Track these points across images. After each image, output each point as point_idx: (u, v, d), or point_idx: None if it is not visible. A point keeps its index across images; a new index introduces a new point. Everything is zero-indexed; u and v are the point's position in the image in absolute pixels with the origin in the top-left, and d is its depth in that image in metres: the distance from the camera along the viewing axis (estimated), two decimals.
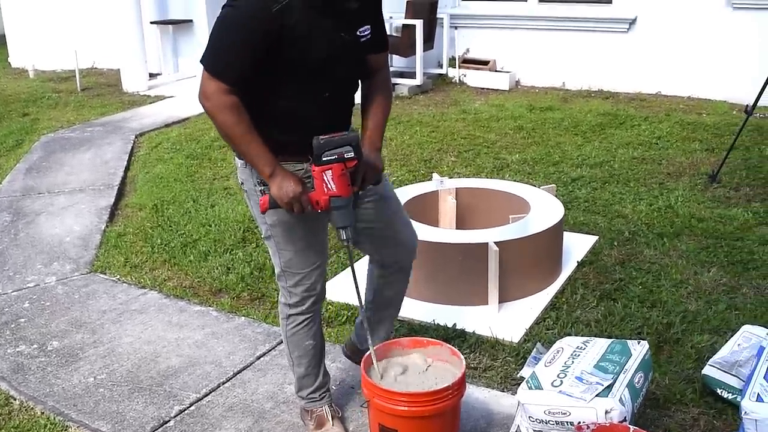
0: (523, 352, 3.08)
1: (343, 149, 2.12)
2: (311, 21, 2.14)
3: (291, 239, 2.38)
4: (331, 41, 2.21)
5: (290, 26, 2.10)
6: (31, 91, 9.18)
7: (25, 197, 5.46)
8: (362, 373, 2.34)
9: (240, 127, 2.16)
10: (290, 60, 2.16)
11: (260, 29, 2.09)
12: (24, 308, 3.77)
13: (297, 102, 2.23)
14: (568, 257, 3.89)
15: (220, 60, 2.13)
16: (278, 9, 2.07)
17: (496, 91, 8.16)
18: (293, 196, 2.17)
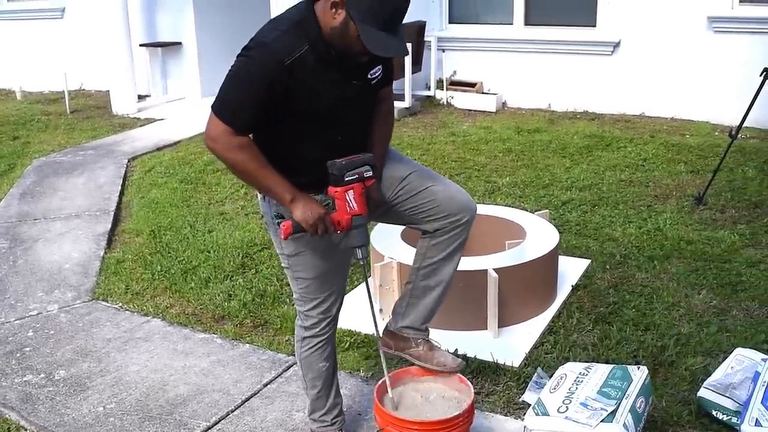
0: (523, 376, 3.17)
1: (363, 169, 2.25)
2: (322, 73, 2.21)
3: (312, 266, 2.47)
4: (343, 90, 2.28)
5: (300, 79, 2.18)
6: (20, 114, 9.20)
7: (22, 223, 5.49)
8: (375, 401, 2.42)
9: (253, 163, 2.24)
10: (300, 111, 2.24)
11: (270, 82, 2.16)
12: (28, 337, 3.81)
13: (310, 147, 2.31)
14: (562, 281, 4.00)
15: (228, 108, 2.20)
16: (290, 63, 2.15)
17: (483, 112, 8.30)
18: (318, 217, 2.25)
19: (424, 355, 2.57)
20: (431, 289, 2.57)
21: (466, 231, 2.51)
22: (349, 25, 2.11)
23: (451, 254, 2.52)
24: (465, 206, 2.48)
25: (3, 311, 4.10)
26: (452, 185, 2.53)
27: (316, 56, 2.20)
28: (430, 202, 2.46)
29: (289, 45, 2.16)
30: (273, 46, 2.16)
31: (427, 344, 2.59)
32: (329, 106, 2.27)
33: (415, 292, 2.59)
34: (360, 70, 2.31)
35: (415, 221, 2.52)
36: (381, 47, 2.11)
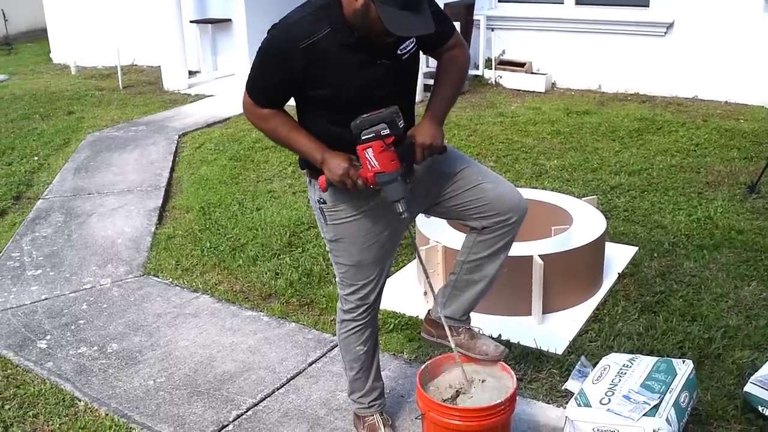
0: (567, 364, 3.17)
1: (379, 127, 2.20)
2: (346, 56, 2.20)
3: (349, 253, 2.50)
4: (371, 72, 2.25)
5: (320, 63, 2.18)
6: (75, 89, 9.41)
7: (76, 197, 5.64)
8: (417, 385, 2.45)
9: (283, 128, 2.33)
10: (327, 93, 2.26)
11: (287, 64, 2.21)
12: (82, 310, 3.94)
13: (342, 125, 2.27)
14: (609, 268, 3.97)
15: (255, 84, 2.31)
16: (306, 46, 2.16)
17: (532, 93, 8.21)
18: (342, 173, 2.25)
19: (466, 344, 2.58)
20: (474, 284, 2.57)
21: (514, 231, 2.49)
22: (369, 6, 2.08)
23: (496, 252, 2.51)
24: (515, 206, 2.45)
25: (59, 284, 4.24)
26: (504, 183, 2.51)
27: (340, 40, 2.18)
28: (480, 199, 2.44)
29: (308, 28, 2.18)
30: (292, 29, 2.20)
31: (468, 332, 2.60)
32: (357, 88, 2.26)
33: (458, 284, 2.59)
34: (389, 48, 2.26)
35: (463, 217, 2.51)
36: (402, 27, 2.07)
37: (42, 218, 5.24)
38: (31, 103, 8.66)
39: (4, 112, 8.25)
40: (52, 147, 6.97)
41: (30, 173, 6.22)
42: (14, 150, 6.86)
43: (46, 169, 6.37)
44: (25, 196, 5.74)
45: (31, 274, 4.37)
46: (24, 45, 13.85)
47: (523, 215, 2.49)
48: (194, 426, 2.95)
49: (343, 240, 2.49)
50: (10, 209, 5.47)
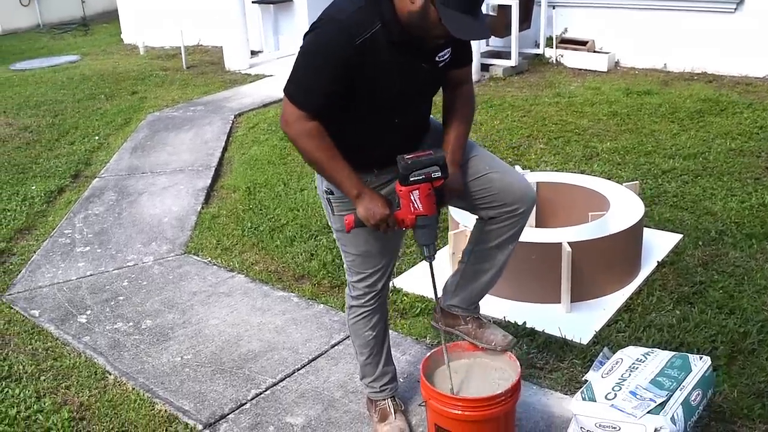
0: (590, 354, 3.09)
1: (431, 169, 2.14)
2: (392, 55, 2.14)
3: (355, 243, 2.49)
4: (411, 75, 2.21)
5: (371, 61, 2.11)
6: (141, 69, 9.67)
7: (130, 176, 5.82)
8: (421, 374, 2.43)
9: (323, 153, 2.19)
10: (367, 93, 2.17)
11: (341, 62, 2.10)
12: (123, 286, 4.07)
13: (365, 126, 2.26)
14: (648, 256, 3.83)
15: (300, 89, 2.16)
16: (361, 42, 2.09)
17: (593, 72, 7.96)
18: (381, 218, 2.23)
19: (474, 332, 2.55)
20: (482, 273, 2.52)
21: (522, 221, 2.43)
22: (429, 9, 2.03)
23: (504, 242, 2.46)
24: (522, 197, 2.39)
25: (104, 261, 4.39)
26: (512, 173, 2.44)
27: (388, 38, 2.12)
28: (487, 189, 2.39)
29: (361, 22, 2.09)
30: (345, 23, 2.09)
31: (476, 321, 2.56)
32: (397, 90, 2.21)
33: (465, 274, 2.55)
34: (430, 52, 2.23)
35: (470, 207, 2.47)
36: (463, 31, 2.03)
37: (96, 196, 5.43)
38: (98, 83, 8.95)
39: (72, 92, 8.55)
40: (113, 126, 7.19)
41: (90, 152, 6.44)
42: (78, 129, 7.11)
43: (106, 148, 6.58)
44: (83, 175, 5.95)
45: (80, 251, 4.54)
46: (99, 26, 14.31)
47: (530, 206, 2.43)
48: (213, 403, 3.02)
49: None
50: (68, 187, 5.68)
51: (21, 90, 8.89)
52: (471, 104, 2.45)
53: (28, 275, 4.27)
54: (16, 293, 4.07)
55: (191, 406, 3.00)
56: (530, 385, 2.94)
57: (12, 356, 3.45)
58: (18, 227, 4.94)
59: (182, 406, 3.01)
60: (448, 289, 2.62)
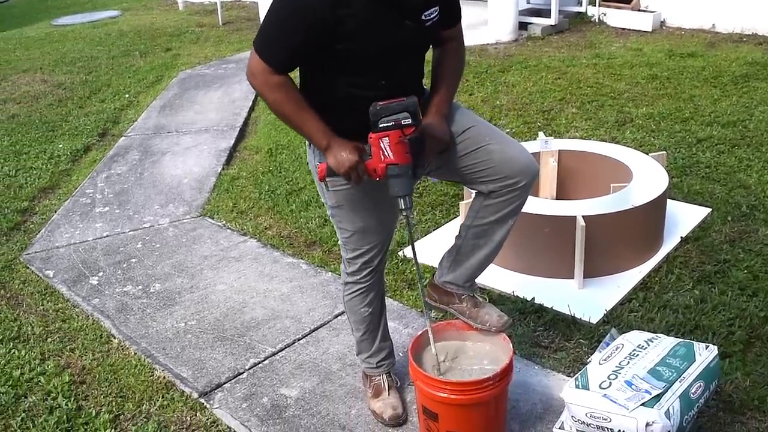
0: (598, 335, 2.96)
1: (400, 116, 2.05)
2: (371, 10, 2.02)
3: (351, 220, 2.40)
4: (393, 31, 2.09)
5: (347, 16, 1.98)
6: (177, 25, 9.63)
7: (156, 135, 5.81)
8: (409, 355, 2.35)
9: (290, 104, 2.11)
10: (346, 51, 2.05)
11: (313, 18, 1.97)
12: (137, 248, 4.07)
13: (351, 90, 2.15)
14: (672, 230, 3.66)
15: (268, 44, 2.05)
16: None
17: (637, 32, 7.63)
18: (350, 165, 2.13)
19: (469, 312, 2.43)
20: (479, 249, 2.40)
21: (523, 195, 2.29)
22: None
23: (504, 218, 2.33)
24: (523, 169, 2.25)
25: (121, 222, 4.40)
26: (513, 144, 2.31)
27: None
28: (486, 161, 2.26)
29: None
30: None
31: (471, 300, 2.44)
32: (378, 47, 2.09)
33: (462, 249, 2.43)
34: (414, 9, 2.11)
35: (468, 180, 2.34)
36: None
37: (120, 155, 5.44)
38: (134, 39, 8.95)
39: (108, 48, 8.58)
40: (145, 84, 7.19)
41: (119, 110, 6.46)
42: (110, 87, 7.13)
43: (135, 106, 6.59)
44: (110, 133, 5.97)
45: (99, 211, 4.55)
46: None
47: (533, 179, 2.29)
48: (211, 371, 3.00)
49: (344, 206, 2.38)
50: (95, 146, 5.71)
51: (59, 46, 8.96)
52: (459, 57, 2.35)
53: (47, 235, 4.31)
54: (33, 253, 4.11)
55: (189, 374, 2.99)
56: (532, 365, 2.84)
57: (23, 317, 3.48)
58: (42, 186, 4.98)
59: (180, 373, 3.00)
60: (443, 264, 2.50)
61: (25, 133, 5.99)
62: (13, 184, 4.99)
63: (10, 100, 6.92)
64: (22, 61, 8.41)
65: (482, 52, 7.23)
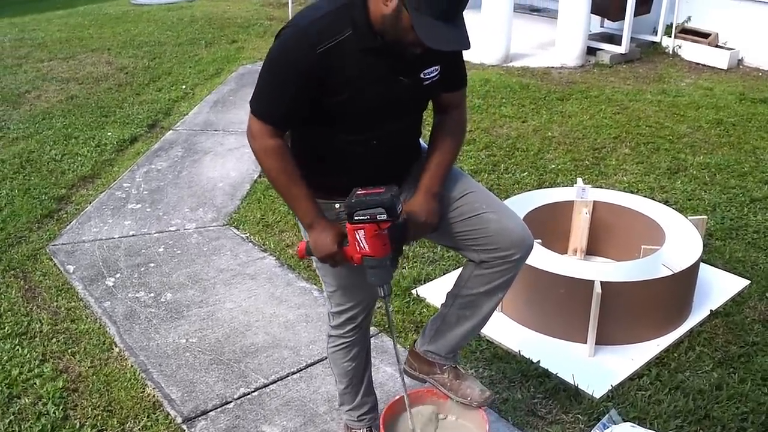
0: (598, 412, 2.81)
1: (376, 210, 1.94)
2: (363, 64, 1.95)
3: (335, 275, 2.31)
4: (386, 88, 2.00)
5: (336, 69, 1.92)
6: (248, 16, 9.70)
7: (202, 132, 5.85)
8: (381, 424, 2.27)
9: (283, 175, 2.04)
10: (335, 106, 1.98)
11: (302, 72, 1.91)
12: (158, 253, 4.09)
13: (344, 147, 2.08)
14: (703, 301, 3.46)
15: (263, 102, 2.00)
16: (324, 50, 1.90)
17: (711, 69, 7.29)
18: (327, 253, 2.07)
19: (450, 384, 2.33)
20: (465, 320, 2.29)
21: (516, 269, 2.18)
22: (401, 13, 1.83)
23: (493, 290, 2.21)
24: (519, 241, 2.13)
25: (149, 222, 4.43)
26: (510, 215, 2.19)
27: (361, 45, 1.93)
28: (481, 230, 2.15)
29: (325, 29, 1.90)
30: (308, 29, 1.90)
31: (453, 372, 2.34)
32: (369, 104, 2.01)
33: (447, 319, 2.32)
34: (411, 66, 2.02)
35: (460, 247, 2.22)
36: (437, 39, 1.82)
37: (164, 150, 5.49)
38: (203, 27, 9.05)
39: (176, 34, 8.70)
40: (204, 76, 7.25)
41: (173, 102, 6.53)
42: (169, 75, 7.23)
43: (189, 98, 6.65)
44: (159, 125, 6.04)
45: (131, 208, 4.60)
46: None
47: (527, 252, 2.17)
48: (200, 395, 2.97)
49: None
50: (142, 137, 5.78)
51: (131, 27, 9.14)
52: (460, 128, 2.24)
53: (77, 227, 4.38)
54: (60, 245, 4.18)
55: (178, 396, 2.97)
56: None
57: (34, 312, 3.54)
58: (83, 174, 5.07)
59: (170, 394, 2.98)
60: (426, 333, 2.39)
61: (79, 116, 6.13)
62: (56, 170, 5.10)
63: (73, 79, 7.09)
64: (93, 40, 8.61)
65: (545, 76, 7.03)
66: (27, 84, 6.98)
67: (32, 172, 5.07)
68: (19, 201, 4.63)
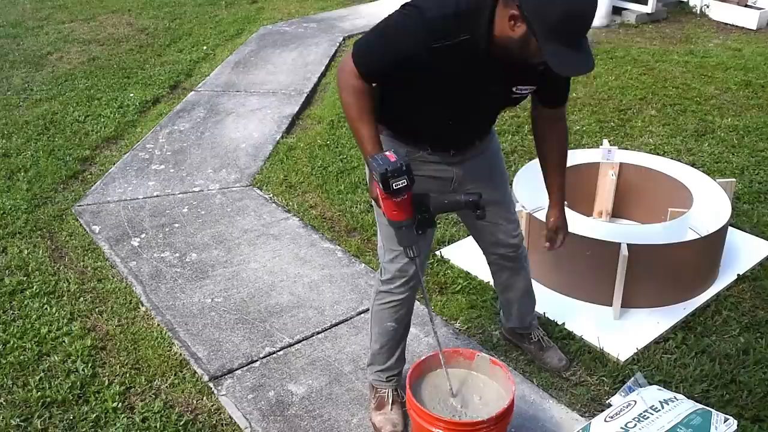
0: (623, 375, 2.81)
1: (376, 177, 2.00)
2: (465, 67, 2.05)
3: None
4: (478, 91, 2.15)
5: (440, 67, 2.03)
6: None
7: (224, 93, 5.83)
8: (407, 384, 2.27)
9: (355, 110, 2.14)
10: (426, 90, 2.13)
11: (410, 55, 2.01)
12: (182, 213, 4.11)
13: (422, 116, 2.23)
14: (730, 264, 3.42)
15: (367, 53, 2.10)
16: (437, 47, 1.98)
17: (740, 29, 7.13)
18: (372, 195, 2.22)
19: (534, 353, 2.89)
20: (514, 300, 2.79)
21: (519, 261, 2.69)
22: (529, 40, 1.91)
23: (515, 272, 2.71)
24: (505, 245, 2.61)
25: (173, 183, 4.44)
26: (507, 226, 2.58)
27: (472, 53, 2.01)
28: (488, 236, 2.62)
29: (446, 30, 1.98)
30: (430, 24, 1.97)
31: (538, 344, 2.89)
32: (458, 100, 2.17)
33: (502, 303, 2.88)
34: (509, 78, 2.13)
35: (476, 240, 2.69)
36: (566, 67, 1.91)
37: (186, 111, 5.48)
38: None
39: None
40: (224, 37, 7.20)
41: (194, 63, 6.50)
42: (190, 36, 7.19)
43: (211, 59, 6.62)
44: (181, 86, 6.02)
45: (154, 169, 4.62)
46: None
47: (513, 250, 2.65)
48: (226, 354, 3.00)
49: None
50: (164, 98, 5.77)
51: None
52: (566, 145, 2.49)
53: (102, 188, 4.40)
54: (85, 205, 4.21)
55: (204, 354, 3.01)
56: (547, 398, 2.72)
57: (62, 271, 3.58)
58: (106, 135, 5.08)
59: (196, 353, 3.01)
60: (501, 313, 2.96)
61: (101, 77, 6.12)
62: (80, 131, 5.11)
63: (94, 41, 7.08)
64: (114, 1, 8.57)
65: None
66: (49, 46, 6.97)
67: (56, 133, 5.09)
68: (44, 162, 4.65)
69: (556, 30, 1.84)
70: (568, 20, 1.83)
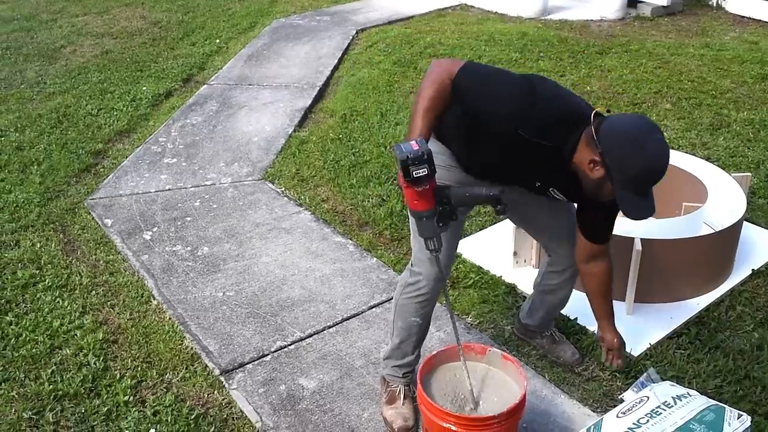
0: (636, 370, 2.79)
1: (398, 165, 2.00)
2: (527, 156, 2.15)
3: None
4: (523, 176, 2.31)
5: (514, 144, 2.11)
6: None
7: (237, 87, 5.83)
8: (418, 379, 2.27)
9: (427, 101, 2.17)
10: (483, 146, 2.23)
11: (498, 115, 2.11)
12: (194, 207, 4.11)
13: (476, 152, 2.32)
14: (745, 260, 3.39)
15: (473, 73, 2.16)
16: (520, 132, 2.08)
17: (757, 22, 7.05)
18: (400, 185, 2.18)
19: (547, 347, 2.92)
20: (549, 303, 2.82)
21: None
22: (605, 183, 2.08)
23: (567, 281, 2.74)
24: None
25: (185, 176, 4.45)
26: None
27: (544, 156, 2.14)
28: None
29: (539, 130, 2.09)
30: (532, 116, 2.08)
31: (550, 338, 2.92)
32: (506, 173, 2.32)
33: (535, 302, 2.86)
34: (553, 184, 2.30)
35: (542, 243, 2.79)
36: (634, 212, 2.08)
37: (199, 105, 5.49)
38: None
39: None
40: (237, 30, 7.20)
41: (207, 56, 6.51)
42: (203, 30, 7.19)
43: (223, 53, 6.62)
44: (193, 80, 6.03)
45: (167, 162, 4.62)
46: None
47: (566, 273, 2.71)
48: (238, 348, 3.01)
49: None
50: (176, 91, 5.78)
51: None
52: (609, 279, 2.55)
53: (114, 181, 4.41)
54: (98, 198, 4.22)
55: (216, 348, 3.01)
56: (559, 393, 2.70)
57: (74, 265, 3.59)
58: (119, 129, 5.10)
59: (208, 346, 3.02)
60: (524, 308, 2.95)
61: (114, 70, 6.14)
62: (93, 124, 5.13)
63: (107, 34, 7.10)
64: None
65: (583, 29, 6.86)
66: (62, 39, 7.00)
67: (69, 126, 5.11)
68: (56, 155, 4.68)
69: (633, 182, 2.00)
70: (647, 175, 2.00)
